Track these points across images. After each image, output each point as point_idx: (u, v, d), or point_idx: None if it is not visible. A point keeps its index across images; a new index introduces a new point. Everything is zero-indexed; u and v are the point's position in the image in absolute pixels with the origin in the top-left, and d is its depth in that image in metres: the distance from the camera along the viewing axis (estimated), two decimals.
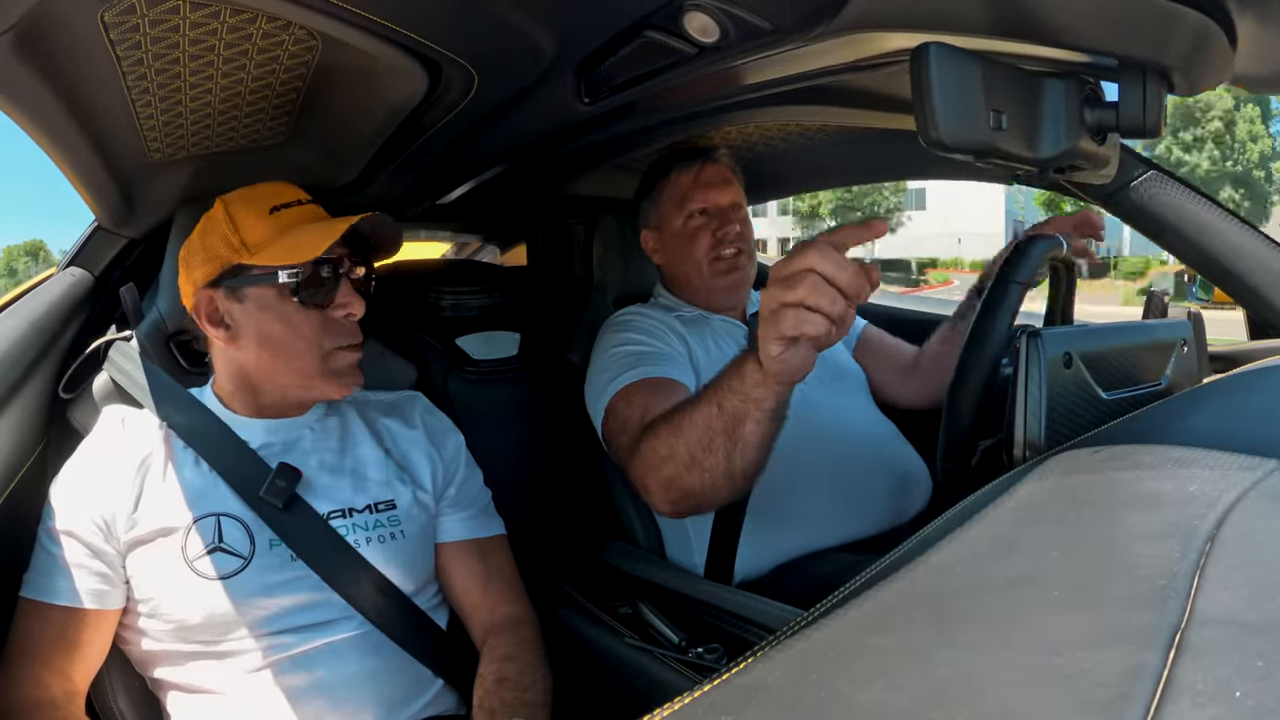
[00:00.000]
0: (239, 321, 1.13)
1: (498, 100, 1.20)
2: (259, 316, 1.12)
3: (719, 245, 1.56)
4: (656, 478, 1.16)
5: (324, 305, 1.13)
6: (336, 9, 0.89)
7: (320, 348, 1.13)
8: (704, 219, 1.58)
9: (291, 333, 1.12)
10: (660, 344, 1.43)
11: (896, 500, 1.42)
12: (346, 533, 1.13)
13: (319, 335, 1.13)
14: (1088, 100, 0.84)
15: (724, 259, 1.57)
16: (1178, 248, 1.40)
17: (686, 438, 1.10)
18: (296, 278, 1.10)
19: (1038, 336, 0.89)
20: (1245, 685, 0.32)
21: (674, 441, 1.12)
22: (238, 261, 1.11)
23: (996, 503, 0.61)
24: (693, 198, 1.58)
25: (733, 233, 1.56)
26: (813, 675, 0.42)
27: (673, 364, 1.40)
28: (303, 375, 1.14)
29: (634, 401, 1.32)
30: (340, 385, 1.16)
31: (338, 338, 1.14)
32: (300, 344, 1.12)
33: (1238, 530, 0.46)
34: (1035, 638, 0.40)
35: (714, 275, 1.57)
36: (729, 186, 1.60)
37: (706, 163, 1.60)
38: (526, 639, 1.21)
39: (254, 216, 1.13)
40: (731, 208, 1.59)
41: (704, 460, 1.09)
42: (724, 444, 1.07)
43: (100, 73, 0.97)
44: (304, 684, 1.06)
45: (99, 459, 1.11)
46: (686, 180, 1.59)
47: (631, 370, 1.37)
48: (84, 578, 1.05)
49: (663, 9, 0.93)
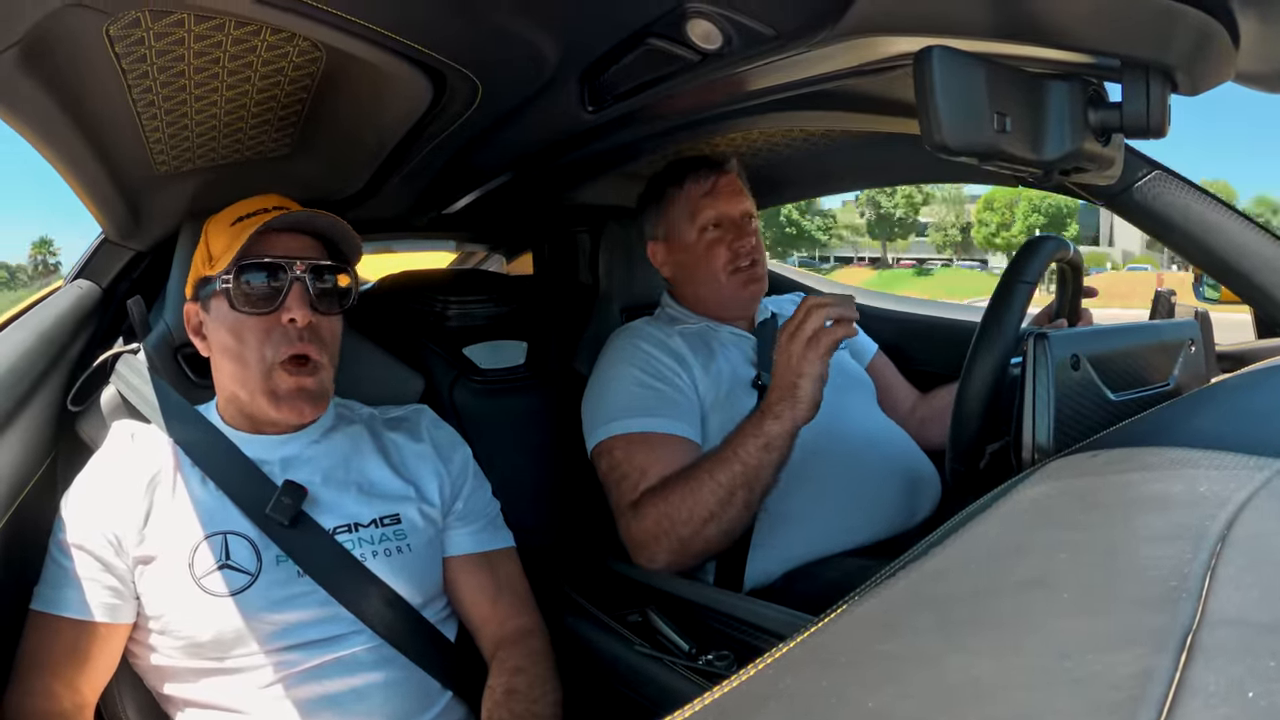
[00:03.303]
0: (210, 332, 1.15)
1: (502, 110, 1.21)
2: (215, 326, 1.13)
3: (736, 257, 1.55)
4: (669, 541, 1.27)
5: (262, 310, 1.10)
6: (340, 20, 0.89)
7: (264, 359, 1.10)
8: (719, 231, 1.56)
9: (236, 340, 1.11)
10: (666, 387, 1.43)
11: (905, 504, 1.41)
12: (353, 547, 1.13)
13: (260, 344, 1.10)
14: (1091, 101, 0.83)
15: (742, 270, 1.55)
16: (1183, 247, 1.39)
17: (705, 499, 1.24)
18: (228, 284, 1.10)
19: (1045, 339, 0.89)
20: (1258, 686, 0.32)
21: (693, 505, 1.24)
22: (206, 274, 1.13)
23: (1005, 506, 0.61)
24: (707, 209, 1.56)
25: (749, 244, 1.55)
26: (823, 681, 0.42)
27: (677, 412, 1.40)
28: (250, 388, 1.12)
29: (633, 457, 1.36)
30: (279, 408, 1.12)
31: (280, 345, 1.10)
32: (246, 351, 1.11)
33: (1248, 530, 0.46)
34: (1046, 641, 0.40)
35: (735, 287, 1.56)
36: (741, 197, 1.58)
37: (720, 174, 1.58)
38: (536, 651, 1.20)
39: (220, 228, 1.15)
40: (744, 218, 1.57)
41: (722, 513, 1.23)
42: (744, 494, 1.23)
43: (106, 86, 0.98)
44: (313, 698, 1.06)
45: (110, 474, 1.11)
46: (699, 191, 1.57)
47: (633, 418, 1.39)
48: (95, 591, 1.05)
49: (665, 17, 0.94)
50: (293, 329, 1.10)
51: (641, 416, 1.38)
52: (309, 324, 1.11)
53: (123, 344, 1.31)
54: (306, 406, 1.13)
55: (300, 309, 1.10)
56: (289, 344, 1.10)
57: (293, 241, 1.14)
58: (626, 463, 1.36)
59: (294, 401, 1.11)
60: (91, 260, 1.41)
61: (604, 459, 1.40)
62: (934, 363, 1.84)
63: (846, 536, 1.35)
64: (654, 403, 1.40)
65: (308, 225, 1.15)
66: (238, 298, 1.09)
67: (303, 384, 1.12)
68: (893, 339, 1.84)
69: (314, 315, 1.12)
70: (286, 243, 1.13)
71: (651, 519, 1.28)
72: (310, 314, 1.11)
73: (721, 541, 1.26)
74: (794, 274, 2.27)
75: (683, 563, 1.28)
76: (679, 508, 1.25)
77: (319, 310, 1.13)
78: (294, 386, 1.11)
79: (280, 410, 1.11)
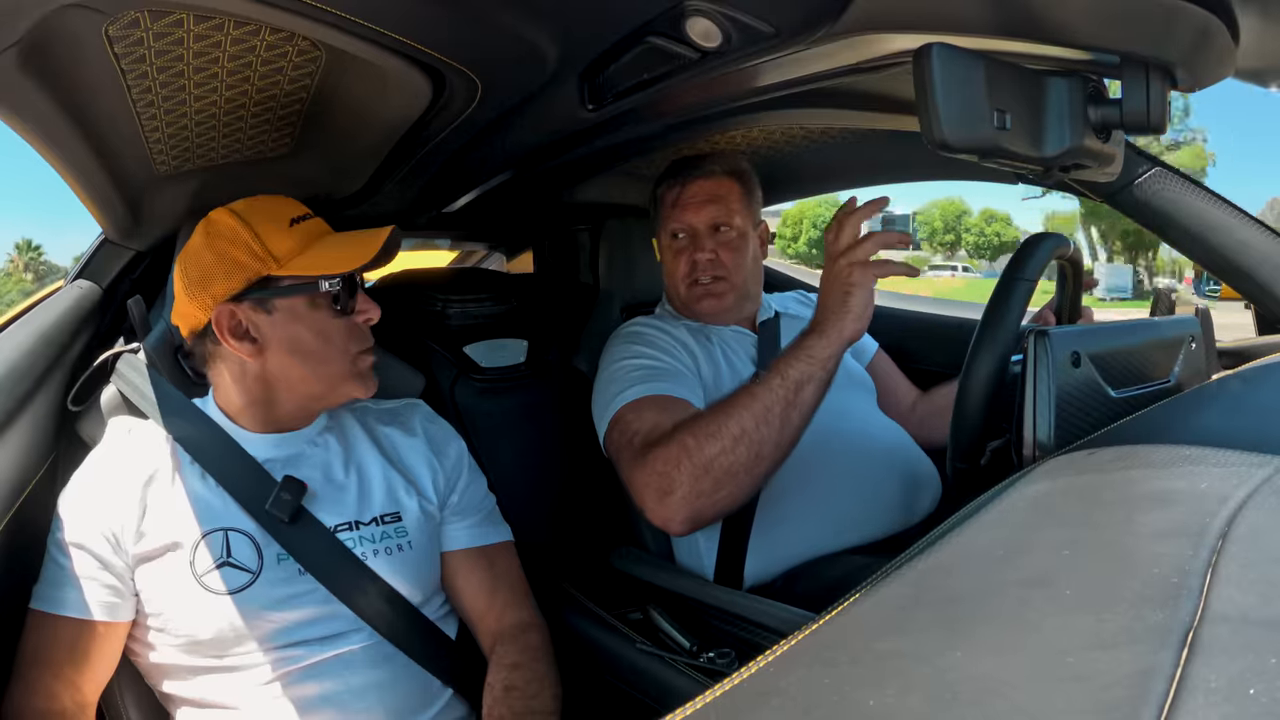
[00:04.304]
0: (266, 333, 1.11)
1: (502, 108, 1.21)
2: (290, 327, 1.12)
3: (694, 269, 1.53)
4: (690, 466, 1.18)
5: (349, 314, 1.15)
6: (340, 19, 0.89)
7: (349, 353, 1.15)
8: (683, 240, 1.55)
9: (323, 340, 1.13)
10: (670, 359, 1.42)
11: (907, 502, 1.41)
12: (353, 545, 1.13)
13: (348, 341, 1.15)
14: (1091, 98, 0.83)
15: (700, 285, 1.54)
16: (1183, 244, 1.39)
17: (739, 415, 1.18)
18: (336, 287, 1.12)
19: (1046, 336, 0.89)
20: (1259, 683, 0.32)
21: (724, 420, 1.18)
22: (266, 273, 1.10)
23: (1006, 503, 0.61)
24: (672, 218, 1.55)
25: (704, 260, 1.52)
26: (824, 679, 0.42)
27: (682, 381, 1.39)
28: (332, 380, 1.15)
29: (644, 415, 1.32)
30: (365, 386, 1.18)
31: (361, 341, 1.17)
32: (332, 350, 1.14)
33: (1250, 527, 0.46)
34: (1047, 639, 0.40)
35: (692, 300, 1.55)
36: (710, 205, 1.53)
37: (690, 180, 1.54)
38: (534, 646, 1.20)
39: (276, 228, 1.12)
40: (711, 229, 1.53)
41: (755, 432, 1.17)
42: (780, 412, 1.17)
43: (105, 86, 0.97)
44: (314, 696, 1.07)
45: (106, 471, 1.11)
46: (670, 199, 1.56)
47: (641, 385, 1.37)
48: (94, 590, 1.05)
49: (664, 15, 0.93)
50: (367, 326, 1.18)
51: (648, 383, 1.37)
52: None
53: (123, 344, 1.31)
54: (375, 382, 1.20)
55: (375, 309, 1.18)
56: (367, 339, 1.19)
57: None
58: (637, 421, 1.32)
59: (373, 377, 1.20)
60: (92, 260, 1.41)
61: (615, 431, 1.35)
62: (934, 361, 1.84)
63: (847, 534, 1.35)
64: (660, 373, 1.39)
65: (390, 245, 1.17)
66: (343, 302, 1.14)
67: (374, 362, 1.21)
68: (893, 337, 1.84)
69: None
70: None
71: (675, 443, 1.20)
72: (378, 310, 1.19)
73: (749, 472, 1.18)
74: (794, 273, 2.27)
75: (700, 498, 1.19)
76: (707, 424, 1.20)
77: None
78: (372, 364, 1.19)
79: (367, 389, 1.19)
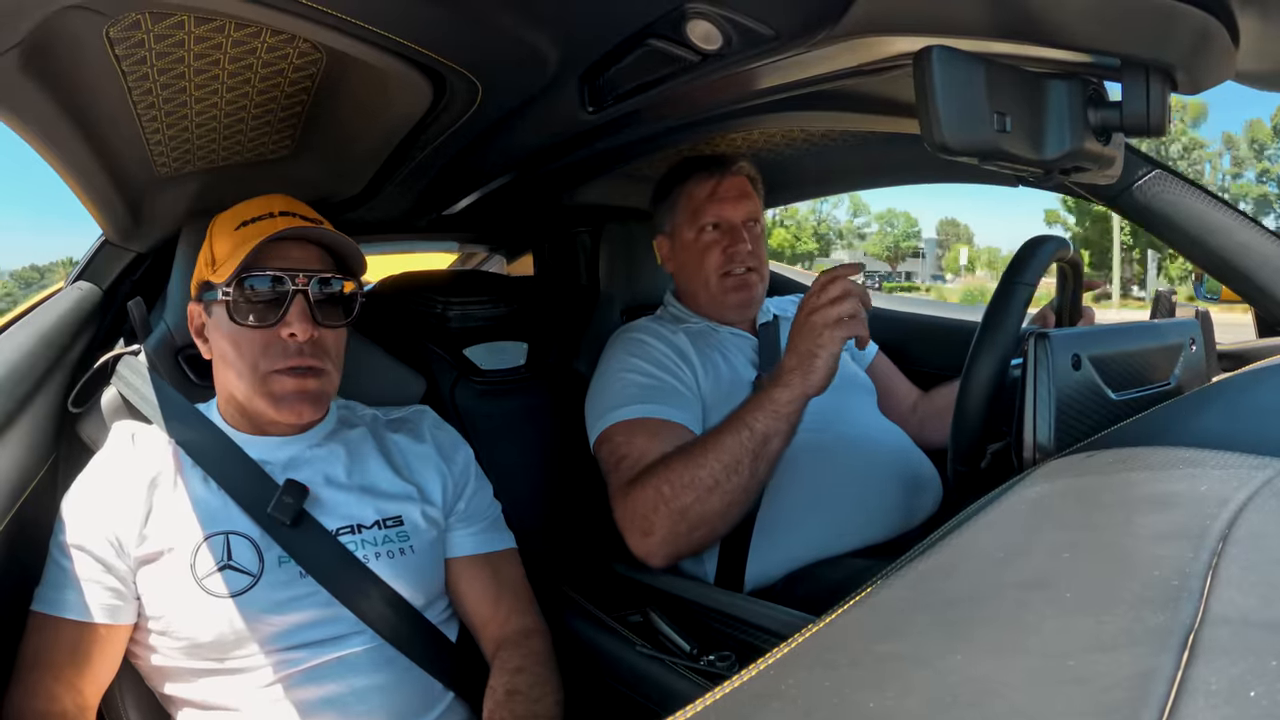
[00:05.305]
0: (210, 336, 1.14)
1: (502, 111, 1.21)
2: (216, 333, 1.13)
3: (730, 262, 1.55)
4: (667, 511, 1.22)
5: (262, 324, 1.09)
6: (340, 21, 0.89)
7: (256, 370, 1.10)
8: (716, 233, 1.56)
9: (235, 351, 1.10)
10: (668, 378, 1.43)
11: (907, 504, 1.41)
12: (355, 549, 1.12)
13: (256, 356, 1.09)
14: (1091, 100, 0.83)
15: (734, 276, 1.55)
16: (1183, 246, 1.39)
17: (711, 465, 1.20)
18: (228, 296, 1.08)
19: (1046, 338, 0.89)
20: (1260, 685, 0.32)
21: (696, 470, 1.21)
22: (208, 278, 1.12)
23: (1007, 506, 0.61)
24: (707, 210, 1.56)
25: (744, 251, 1.55)
26: (825, 682, 0.42)
27: (677, 402, 1.40)
28: (247, 394, 1.12)
29: (634, 440, 1.34)
30: (279, 410, 1.11)
31: (277, 359, 1.09)
32: (242, 364, 1.10)
33: (1250, 529, 0.46)
34: (1047, 641, 0.40)
35: (723, 292, 1.56)
36: (745, 200, 1.58)
37: (725, 176, 1.57)
38: (537, 651, 1.20)
39: (224, 231, 1.13)
40: (745, 223, 1.57)
41: (726, 483, 1.20)
42: (749, 464, 1.19)
43: (106, 88, 0.98)
44: (315, 699, 1.06)
45: (110, 475, 1.11)
46: (702, 192, 1.57)
47: (636, 404, 1.38)
48: (95, 592, 1.05)
49: (665, 17, 0.94)
50: (292, 343, 1.09)
51: (643, 404, 1.38)
52: (310, 338, 1.10)
53: (123, 345, 1.31)
54: (306, 408, 1.12)
55: (301, 323, 1.08)
56: (287, 357, 1.09)
57: (297, 251, 1.12)
58: (626, 445, 1.34)
59: (293, 403, 1.11)
60: (92, 262, 1.41)
61: (604, 446, 1.39)
62: (935, 363, 1.84)
63: (848, 537, 1.35)
64: (656, 392, 1.40)
65: (313, 236, 1.13)
66: (238, 309, 1.08)
67: (304, 386, 1.11)
68: (894, 339, 1.84)
69: (316, 329, 1.10)
70: (291, 252, 1.11)
71: (651, 488, 1.24)
72: (312, 328, 1.09)
73: (722, 517, 1.22)
74: (795, 275, 2.27)
75: (678, 539, 1.24)
76: (681, 474, 1.22)
77: (321, 323, 1.11)
78: (294, 389, 1.10)
79: (280, 412, 1.11)
